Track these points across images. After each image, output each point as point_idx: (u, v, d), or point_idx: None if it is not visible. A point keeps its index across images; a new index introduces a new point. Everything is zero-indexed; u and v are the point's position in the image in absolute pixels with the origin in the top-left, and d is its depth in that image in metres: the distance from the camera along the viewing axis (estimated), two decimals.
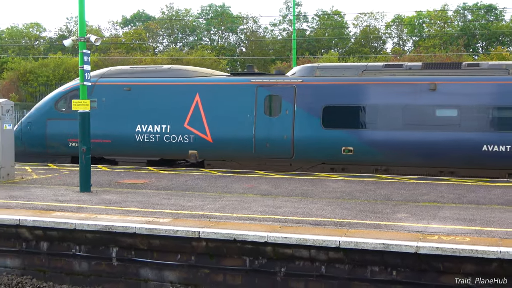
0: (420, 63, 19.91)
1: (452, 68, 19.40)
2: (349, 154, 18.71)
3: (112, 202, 13.52)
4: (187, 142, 19.96)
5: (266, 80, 20.01)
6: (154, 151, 20.42)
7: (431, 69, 19.20)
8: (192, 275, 10.84)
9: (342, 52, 69.08)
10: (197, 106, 19.98)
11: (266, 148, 19.36)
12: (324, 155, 19.22)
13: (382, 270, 9.91)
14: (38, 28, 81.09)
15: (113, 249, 11.24)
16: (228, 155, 20.00)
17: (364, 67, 19.81)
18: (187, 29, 77.95)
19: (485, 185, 16.12)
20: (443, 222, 11.31)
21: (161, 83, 20.25)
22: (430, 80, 18.39)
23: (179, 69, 22.01)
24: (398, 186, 16.06)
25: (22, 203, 13.19)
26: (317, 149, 19.01)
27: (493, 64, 19.53)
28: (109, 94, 20.51)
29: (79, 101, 15.08)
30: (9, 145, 16.86)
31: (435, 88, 18.17)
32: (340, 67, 21.03)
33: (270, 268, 10.44)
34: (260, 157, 19.52)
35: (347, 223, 11.24)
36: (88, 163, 15.09)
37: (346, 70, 20.00)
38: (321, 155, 19.22)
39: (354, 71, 19.64)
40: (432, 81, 18.34)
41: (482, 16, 69.03)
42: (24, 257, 11.84)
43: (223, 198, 14.10)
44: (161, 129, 20.08)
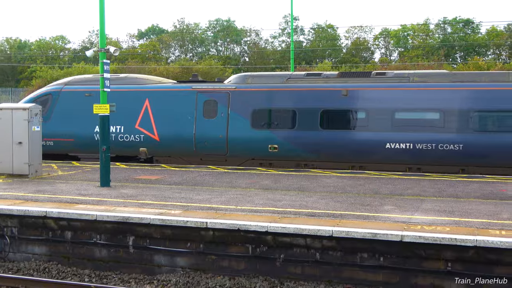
0: (336, 72, 20.98)
1: (363, 76, 20.18)
2: (275, 151, 19.42)
3: (129, 195, 13.53)
4: (138, 140, 20.66)
5: (205, 87, 20.66)
6: None
7: (345, 77, 20.09)
8: (201, 261, 10.85)
9: (335, 61, 68.89)
10: (147, 109, 20.70)
11: (204, 146, 20.04)
12: (254, 152, 19.89)
13: (371, 257, 9.91)
14: (64, 40, 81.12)
15: (130, 237, 11.25)
16: (173, 152, 20.63)
17: (288, 76, 20.68)
18: (196, 41, 77.82)
19: (463, 181, 16.10)
20: (425, 214, 11.31)
21: (116, 90, 20.45)
22: (344, 87, 19.10)
23: (133, 77, 22.75)
24: (385, 181, 16.04)
25: (48, 197, 13.21)
26: (247, 147, 19.75)
27: (398, 73, 20.19)
28: (73, 99, 20.97)
29: (99, 105, 15.07)
30: (37, 145, 16.87)
31: (347, 94, 18.88)
32: (268, 76, 21.81)
33: (270, 254, 10.44)
34: (199, 153, 20.17)
35: (339, 214, 11.23)
36: (107, 160, 15.09)
37: (273, 78, 20.88)
38: (251, 152, 19.89)
39: (280, 79, 20.50)
40: (345, 88, 19.00)
41: (460, 29, 68.86)
42: (50, 245, 11.85)
43: (228, 192, 14.09)
44: (116, 129, 20.67)
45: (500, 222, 10.53)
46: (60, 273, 11.23)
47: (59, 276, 11.11)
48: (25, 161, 16.55)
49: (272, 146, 19.36)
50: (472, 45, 66.15)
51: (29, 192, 13.96)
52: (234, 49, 78.72)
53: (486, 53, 66.80)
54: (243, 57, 76.64)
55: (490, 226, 10.18)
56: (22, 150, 16.52)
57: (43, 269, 11.41)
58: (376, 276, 9.91)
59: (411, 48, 67.16)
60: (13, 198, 13.05)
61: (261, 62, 68.09)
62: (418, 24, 71.50)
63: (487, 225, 10.23)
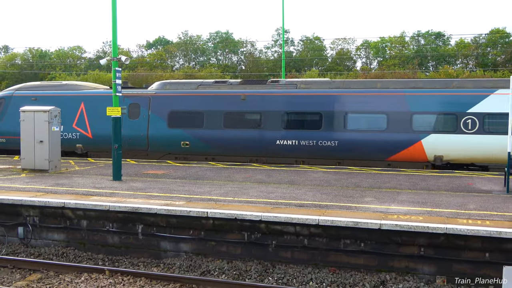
0: (239, 80, 21.56)
1: (259, 84, 20.96)
2: (187, 147, 20.24)
3: (138, 188, 13.49)
4: (75, 138, 21.48)
5: (130, 92, 21.24)
6: None
7: (245, 85, 20.83)
8: (202, 247, 10.83)
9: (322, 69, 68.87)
10: (82, 111, 21.47)
11: (130, 142, 20.65)
12: (170, 148, 20.62)
13: (353, 243, 9.92)
14: (80, 50, 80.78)
15: (139, 226, 11.22)
16: (103, 147, 20.90)
17: (200, 83, 21.43)
18: (198, 51, 77.65)
19: (434, 175, 16.12)
20: (401, 205, 11.32)
21: (57, 95, 21.67)
22: (243, 93, 19.92)
23: (72, 84, 23.47)
24: (366, 176, 16.05)
25: (66, 190, 13.15)
26: (164, 143, 20.57)
27: (288, 81, 21.06)
28: (22, 103, 20.98)
29: (112, 108, 15.02)
30: (56, 143, 16.81)
31: (245, 98, 19.65)
32: (183, 83, 22.26)
33: (263, 241, 10.43)
34: (125, 149, 20.34)
35: (325, 205, 11.23)
36: (119, 157, 15.04)
37: (188, 85, 21.50)
38: (168, 147, 20.64)
39: (193, 85, 21.24)
40: (244, 93, 19.80)
41: (432, 41, 68.94)
42: (68, 232, 11.81)
43: (227, 185, 14.07)
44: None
45: (467, 212, 10.56)
46: (76, 257, 11.20)
47: (75, 260, 11.08)
48: (45, 157, 16.49)
49: (184, 143, 20.23)
50: (443, 55, 66.34)
51: (49, 185, 13.90)
52: (232, 58, 78.57)
53: (455, 62, 66.95)
54: (240, 65, 76.49)
55: (458, 215, 10.20)
56: (43, 148, 16.46)
57: (61, 253, 11.38)
58: (357, 260, 9.92)
59: (389, 58, 67.22)
60: (34, 190, 12.99)
61: (255, 70, 68.03)
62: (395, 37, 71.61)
63: (456, 215, 10.25)
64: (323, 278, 9.55)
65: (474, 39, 64.48)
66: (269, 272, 9.98)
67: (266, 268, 10.13)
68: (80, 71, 70.25)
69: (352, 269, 9.91)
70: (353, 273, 9.75)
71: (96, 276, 9.85)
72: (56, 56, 77.13)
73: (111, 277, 9.81)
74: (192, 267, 10.31)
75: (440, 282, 9.36)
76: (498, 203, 11.59)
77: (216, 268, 10.20)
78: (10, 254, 11.51)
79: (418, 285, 9.18)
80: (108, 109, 15.13)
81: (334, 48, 74.26)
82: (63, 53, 78.11)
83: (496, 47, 62.96)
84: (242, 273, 9.98)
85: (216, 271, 10.12)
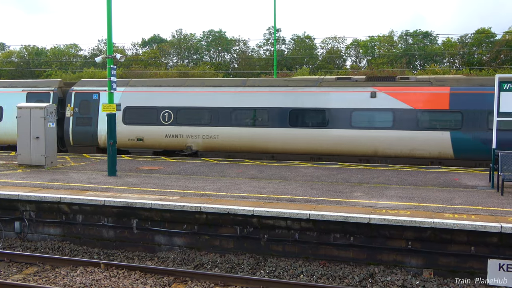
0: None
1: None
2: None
3: (133, 184, 13.44)
4: None
5: None
6: None
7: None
8: (195, 241, 10.82)
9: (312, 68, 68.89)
10: None
11: None
12: None
13: (342, 236, 9.94)
14: (76, 48, 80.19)
15: (134, 220, 11.19)
16: None
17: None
18: (192, 49, 77.38)
19: (422, 171, 16.19)
20: (389, 199, 11.36)
21: None
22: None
23: None
24: (355, 171, 16.09)
25: (62, 185, 13.09)
26: None
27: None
28: None
29: (107, 105, 14.94)
30: (52, 139, 16.71)
31: None
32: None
33: (255, 235, 10.44)
34: None
35: (315, 200, 11.25)
36: (114, 153, 14.97)
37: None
38: None
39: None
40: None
41: (420, 40, 69.17)
42: (64, 227, 11.76)
43: (220, 180, 14.05)
44: None
45: (453, 207, 10.62)
46: (72, 251, 11.16)
47: (71, 254, 11.04)
48: (41, 153, 16.39)
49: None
50: (430, 55, 66.54)
51: (45, 180, 13.82)
52: (225, 56, 78.39)
53: (442, 61, 67.19)
54: (232, 63, 76.35)
55: (444, 210, 10.26)
56: (39, 144, 16.36)
57: (57, 247, 11.33)
58: (347, 253, 9.95)
59: (378, 57, 67.36)
60: (31, 186, 12.92)
61: (248, 68, 67.90)
62: (384, 36, 71.73)
63: (442, 209, 10.30)
64: (313, 271, 9.57)
65: (461, 38, 64.73)
66: (261, 265, 9.99)
67: (258, 261, 10.13)
68: (75, 68, 69.80)
69: (342, 262, 9.94)
70: (343, 266, 9.78)
71: (92, 270, 9.81)
72: (52, 53, 76.59)
73: (106, 270, 9.78)
74: (186, 261, 10.30)
75: (427, 274, 9.42)
76: (483, 198, 11.67)
77: (209, 261, 10.19)
78: (6, 248, 11.45)
79: (405, 278, 9.22)
80: (103, 105, 15.05)
81: (324, 47, 74.30)
82: (59, 50, 77.56)
83: (482, 47, 63.24)
84: (235, 266, 9.98)
85: (209, 264, 10.11)
